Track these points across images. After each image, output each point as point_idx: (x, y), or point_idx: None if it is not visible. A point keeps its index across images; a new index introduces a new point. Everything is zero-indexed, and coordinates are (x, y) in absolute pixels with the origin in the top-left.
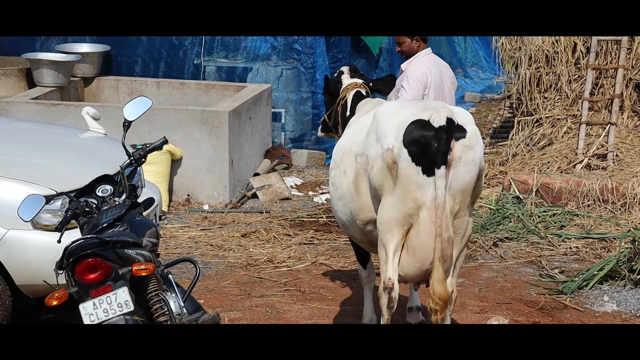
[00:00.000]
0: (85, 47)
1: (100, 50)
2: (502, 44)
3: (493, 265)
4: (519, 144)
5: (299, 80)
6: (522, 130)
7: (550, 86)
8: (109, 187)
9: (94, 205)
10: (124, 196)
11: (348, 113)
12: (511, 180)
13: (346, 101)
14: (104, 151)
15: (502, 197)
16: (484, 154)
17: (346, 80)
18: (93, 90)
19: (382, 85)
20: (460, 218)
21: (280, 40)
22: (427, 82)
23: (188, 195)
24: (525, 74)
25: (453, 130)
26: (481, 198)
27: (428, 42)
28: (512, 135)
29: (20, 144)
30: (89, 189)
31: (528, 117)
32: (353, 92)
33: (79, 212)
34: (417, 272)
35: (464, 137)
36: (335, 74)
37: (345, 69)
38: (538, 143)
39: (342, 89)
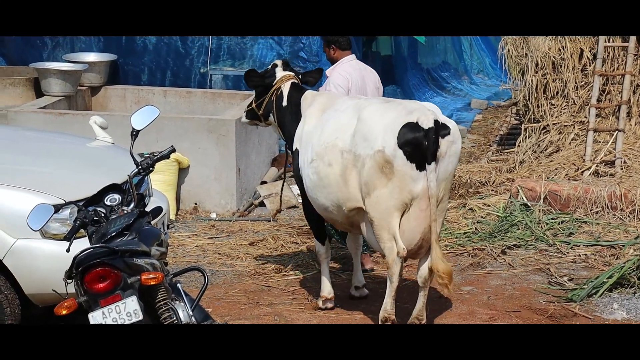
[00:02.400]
0: (92, 57)
1: (107, 59)
2: (509, 50)
3: (501, 273)
4: (526, 151)
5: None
6: (529, 137)
7: (557, 93)
8: (117, 196)
9: (103, 214)
10: (132, 205)
11: (285, 103)
12: (519, 188)
13: (281, 92)
14: (111, 160)
15: (509, 205)
16: (492, 161)
17: (279, 72)
18: (100, 99)
19: (310, 77)
20: (444, 202)
21: (286, 48)
22: (348, 86)
23: (195, 203)
24: (531, 80)
25: (439, 129)
26: (489, 206)
27: (352, 49)
28: (519, 142)
29: (29, 154)
30: (97, 198)
31: (535, 124)
32: (288, 83)
33: (87, 221)
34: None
35: (449, 133)
36: (270, 66)
37: (278, 62)
38: (545, 150)
39: (275, 80)
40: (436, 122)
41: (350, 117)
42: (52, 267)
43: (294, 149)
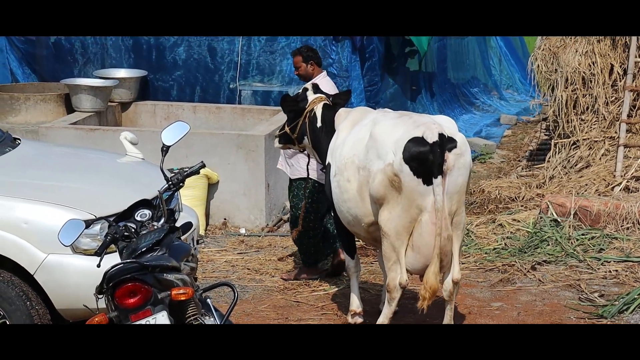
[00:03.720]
0: (122, 73)
1: (137, 75)
2: (538, 66)
3: (531, 289)
4: (556, 167)
5: None
6: (559, 153)
7: (587, 108)
8: (147, 212)
9: (133, 230)
10: (162, 220)
11: (319, 124)
12: (549, 203)
13: (315, 113)
14: (142, 176)
15: (539, 220)
16: (521, 176)
17: (311, 95)
18: (130, 115)
19: (340, 99)
20: (459, 215)
21: None
22: None
23: (225, 219)
24: (561, 96)
25: (445, 143)
26: (518, 221)
27: (323, 66)
28: (549, 158)
29: (60, 169)
30: (127, 214)
31: (565, 140)
32: (321, 104)
33: (118, 237)
34: (422, 267)
35: (455, 146)
36: (300, 91)
37: (309, 85)
38: (575, 165)
39: (308, 103)
40: (441, 135)
41: (365, 132)
42: (83, 282)
43: (326, 163)
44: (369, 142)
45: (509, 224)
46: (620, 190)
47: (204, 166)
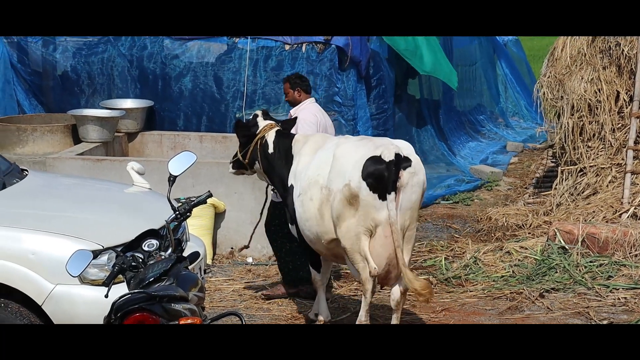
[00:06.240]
0: (129, 103)
1: (143, 105)
2: (544, 93)
3: (540, 316)
4: (563, 194)
5: (341, 131)
6: (565, 180)
7: (594, 135)
8: (154, 242)
9: (140, 260)
10: (169, 250)
11: (270, 150)
12: (556, 231)
13: (266, 140)
14: (149, 206)
15: (547, 248)
16: (528, 204)
17: (262, 122)
18: (137, 145)
19: (288, 125)
20: (411, 230)
21: (321, 92)
22: (317, 124)
23: (232, 248)
24: (567, 123)
25: (401, 162)
26: (526, 249)
27: (312, 93)
28: (556, 185)
29: (67, 200)
30: (135, 244)
31: (572, 167)
32: (273, 131)
33: (125, 267)
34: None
35: (410, 165)
36: (251, 117)
37: (259, 112)
38: (582, 192)
39: (259, 130)
40: (397, 155)
41: (329, 154)
42: (91, 312)
43: (289, 185)
44: (334, 162)
45: (517, 252)
46: (628, 217)
47: (210, 196)
